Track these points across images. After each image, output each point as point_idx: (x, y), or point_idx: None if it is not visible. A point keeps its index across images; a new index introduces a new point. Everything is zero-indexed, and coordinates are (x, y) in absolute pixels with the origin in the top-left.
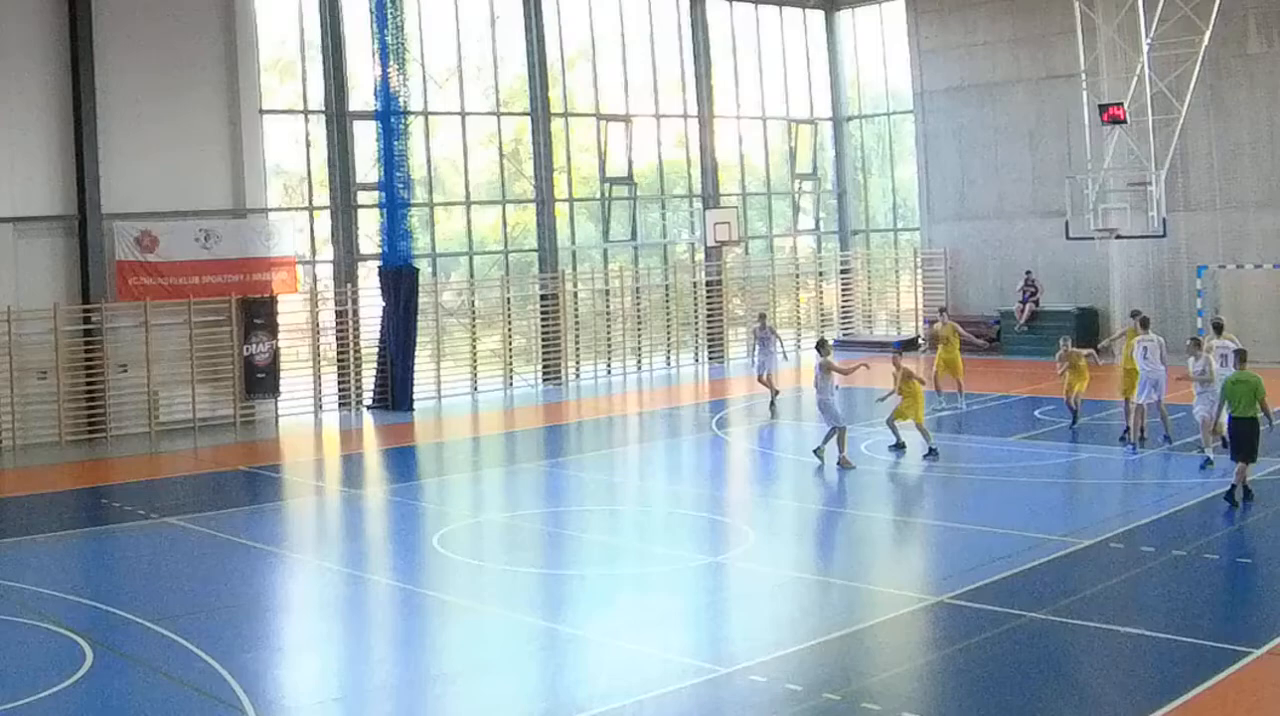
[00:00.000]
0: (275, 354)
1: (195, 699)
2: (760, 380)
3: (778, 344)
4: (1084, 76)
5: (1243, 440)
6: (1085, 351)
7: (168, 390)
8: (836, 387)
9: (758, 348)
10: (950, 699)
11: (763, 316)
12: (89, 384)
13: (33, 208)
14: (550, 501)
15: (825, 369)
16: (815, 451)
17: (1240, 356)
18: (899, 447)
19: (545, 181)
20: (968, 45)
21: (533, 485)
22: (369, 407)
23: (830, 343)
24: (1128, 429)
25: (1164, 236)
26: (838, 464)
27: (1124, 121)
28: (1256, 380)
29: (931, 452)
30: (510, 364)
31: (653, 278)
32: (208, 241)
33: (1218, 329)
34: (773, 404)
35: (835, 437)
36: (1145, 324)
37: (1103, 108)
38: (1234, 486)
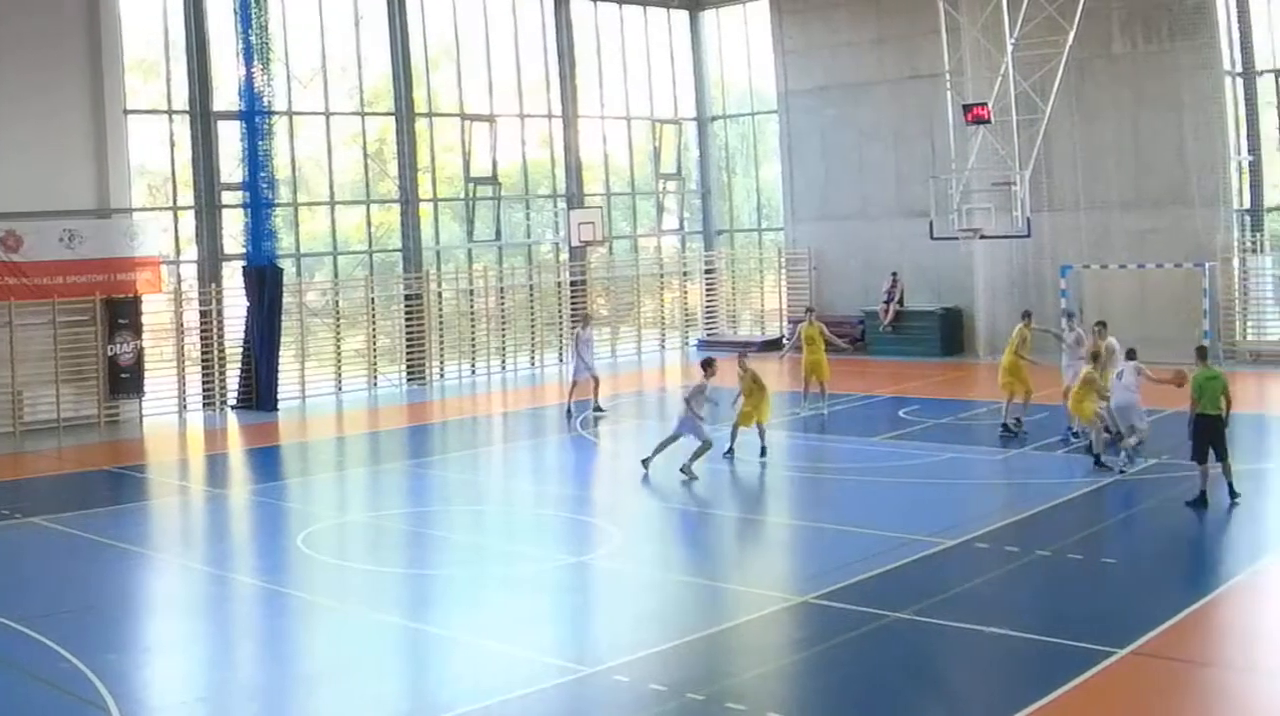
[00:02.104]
0: (139, 354)
1: (59, 699)
2: (577, 383)
3: (593, 349)
4: (948, 76)
5: (1210, 437)
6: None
7: (31, 390)
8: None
9: (581, 350)
10: (815, 699)
11: (586, 317)
12: None
13: None
14: (415, 501)
15: (700, 392)
16: (682, 468)
17: (1202, 353)
18: (729, 454)
19: (409, 181)
20: (831, 46)
21: (397, 485)
22: (233, 407)
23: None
24: (1005, 425)
25: (1028, 236)
26: (680, 469)
27: (988, 121)
28: (1224, 376)
29: (762, 451)
30: (374, 364)
31: (517, 278)
32: (72, 242)
33: (1103, 326)
34: (569, 411)
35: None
36: (1132, 354)
37: (967, 108)
38: (1203, 491)
